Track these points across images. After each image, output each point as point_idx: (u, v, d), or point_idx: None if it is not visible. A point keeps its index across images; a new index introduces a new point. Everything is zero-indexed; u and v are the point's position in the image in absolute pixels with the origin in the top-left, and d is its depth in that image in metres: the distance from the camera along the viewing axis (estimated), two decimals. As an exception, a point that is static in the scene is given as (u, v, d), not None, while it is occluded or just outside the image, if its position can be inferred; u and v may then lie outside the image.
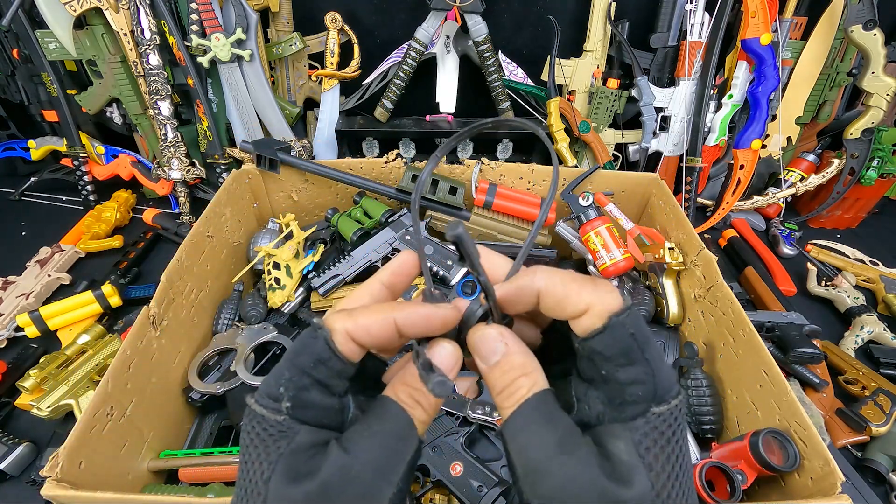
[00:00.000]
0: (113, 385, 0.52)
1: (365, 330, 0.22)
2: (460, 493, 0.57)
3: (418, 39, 0.98)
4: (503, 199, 0.85)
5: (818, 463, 0.48)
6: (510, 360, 0.23)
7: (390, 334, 0.22)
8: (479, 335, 0.23)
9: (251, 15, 0.90)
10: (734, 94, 1.03)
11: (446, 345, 0.23)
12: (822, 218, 1.17)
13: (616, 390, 0.21)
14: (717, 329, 0.68)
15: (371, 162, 0.89)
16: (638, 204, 0.93)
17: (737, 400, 0.63)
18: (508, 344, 0.23)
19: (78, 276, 0.93)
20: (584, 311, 0.21)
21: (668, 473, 0.20)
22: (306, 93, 1.08)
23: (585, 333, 0.21)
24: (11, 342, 0.80)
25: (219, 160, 1.02)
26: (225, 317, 0.75)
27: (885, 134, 1.00)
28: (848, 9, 0.91)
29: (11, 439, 0.64)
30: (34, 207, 1.14)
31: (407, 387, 0.23)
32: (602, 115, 1.08)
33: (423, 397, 0.22)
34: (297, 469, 0.20)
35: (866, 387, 0.74)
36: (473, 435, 0.65)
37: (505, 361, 0.23)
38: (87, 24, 0.91)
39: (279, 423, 0.20)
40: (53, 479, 0.43)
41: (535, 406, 0.21)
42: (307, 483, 0.19)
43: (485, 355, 0.23)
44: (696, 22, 0.99)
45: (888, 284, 0.95)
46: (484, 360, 0.23)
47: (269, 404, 0.21)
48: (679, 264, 0.76)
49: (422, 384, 0.21)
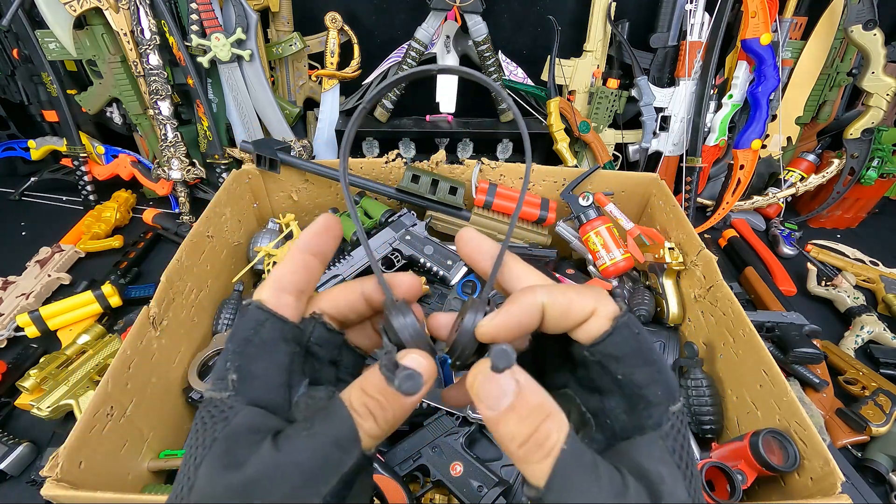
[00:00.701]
0: (113, 385, 0.52)
1: (284, 275, 0.22)
2: (460, 493, 0.57)
3: (418, 39, 0.98)
4: (503, 199, 0.85)
5: (818, 463, 0.48)
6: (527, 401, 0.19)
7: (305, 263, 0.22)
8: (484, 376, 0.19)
9: (251, 15, 0.90)
10: (734, 94, 1.03)
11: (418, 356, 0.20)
12: (822, 218, 1.17)
13: (635, 395, 0.20)
14: (717, 329, 0.68)
15: (371, 162, 0.89)
16: (638, 204, 0.93)
17: (737, 400, 0.63)
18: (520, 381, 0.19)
19: (78, 276, 0.93)
20: (589, 315, 0.21)
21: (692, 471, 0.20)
22: (306, 93, 1.08)
23: (594, 338, 0.21)
24: (11, 342, 0.80)
25: (219, 160, 1.02)
26: (225, 317, 0.75)
27: (885, 134, 1.00)
28: (848, 9, 0.91)
29: (11, 439, 0.64)
30: (34, 207, 1.14)
31: (362, 393, 0.20)
32: (602, 115, 1.08)
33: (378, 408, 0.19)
34: (228, 456, 0.18)
35: (866, 387, 0.74)
36: (473, 435, 0.65)
37: (520, 404, 0.18)
38: (87, 24, 0.91)
39: (223, 403, 0.19)
40: (53, 479, 0.43)
41: (572, 458, 0.18)
42: (232, 474, 0.18)
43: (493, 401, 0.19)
44: (696, 22, 0.99)
45: (888, 284, 0.95)
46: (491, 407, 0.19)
47: (215, 385, 0.20)
48: (679, 264, 0.76)
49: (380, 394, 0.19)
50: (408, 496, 0.55)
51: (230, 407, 0.19)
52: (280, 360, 0.21)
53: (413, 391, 0.19)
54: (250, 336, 0.21)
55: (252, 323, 0.21)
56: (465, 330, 0.22)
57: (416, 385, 0.19)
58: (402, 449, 0.62)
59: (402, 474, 0.59)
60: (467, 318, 0.22)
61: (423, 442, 0.62)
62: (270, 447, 0.18)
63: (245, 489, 0.17)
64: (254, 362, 0.20)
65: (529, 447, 0.18)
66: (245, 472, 0.18)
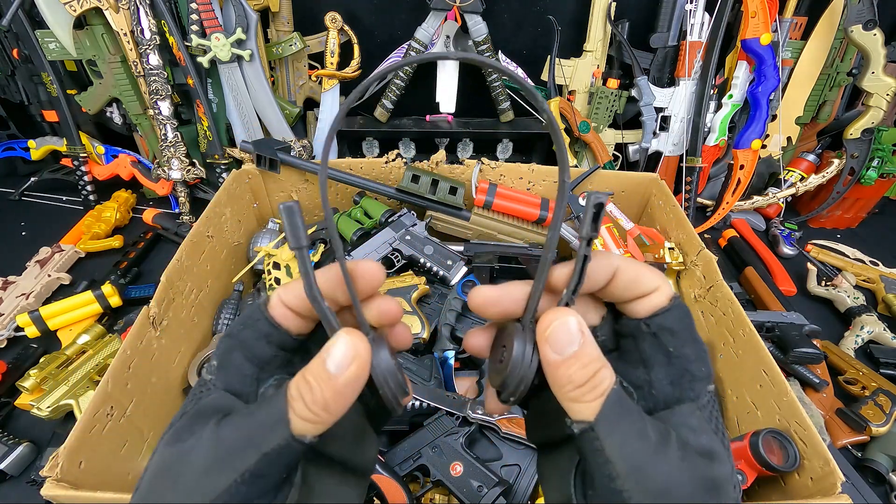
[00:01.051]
0: (113, 385, 0.52)
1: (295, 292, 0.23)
2: (460, 493, 0.57)
3: (418, 39, 0.98)
4: (503, 199, 0.85)
5: (818, 463, 0.48)
6: (589, 352, 0.21)
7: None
8: (559, 322, 0.21)
9: (251, 15, 0.90)
10: (734, 94, 1.03)
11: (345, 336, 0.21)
12: (822, 218, 1.17)
13: (681, 368, 0.22)
14: (717, 329, 0.68)
15: (371, 162, 0.89)
16: (638, 204, 0.93)
17: (737, 400, 0.63)
18: (584, 332, 0.21)
19: (78, 276, 0.93)
20: (654, 290, 0.23)
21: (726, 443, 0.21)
22: (306, 93, 1.08)
23: (653, 311, 0.23)
24: (11, 342, 0.80)
25: (219, 160, 1.02)
26: (225, 317, 0.75)
27: (885, 134, 1.00)
28: (848, 9, 0.91)
29: (11, 439, 0.64)
30: (34, 207, 1.14)
31: (300, 376, 0.20)
32: (602, 115, 1.08)
33: (307, 390, 0.20)
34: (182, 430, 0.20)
35: (866, 387, 0.74)
36: (473, 435, 0.65)
37: (583, 353, 0.21)
38: (87, 24, 0.91)
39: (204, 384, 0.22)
40: (53, 479, 0.43)
41: (619, 398, 0.21)
42: (175, 448, 0.20)
43: (562, 345, 0.21)
44: (696, 22, 0.99)
45: (888, 284, 0.95)
46: (559, 351, 0.21)
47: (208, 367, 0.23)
48: (679, 264, 0.76)
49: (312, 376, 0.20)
50: (408, 496, 0.56)
51: (208, 389, 0.22)
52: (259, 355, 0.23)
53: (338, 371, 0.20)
54: (237, 331, 0.23)
55: (244, 319, 0.23)
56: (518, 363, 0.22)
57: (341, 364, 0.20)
58: (402, 449, 0.62)
59: (402, 474, 0.59)
60: (517, 351, 0.22)
61: (423, 442, 0.62)
62: (212, 426, 0.20)
63: (179, 461, 0.19)
64: (232, 353, 0.22)
65: (584, 389, 0.20)
66: (182, 447, 0.19)
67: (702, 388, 0.22)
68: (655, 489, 0.19)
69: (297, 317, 0.23)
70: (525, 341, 0.22)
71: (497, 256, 0.83)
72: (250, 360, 0.22)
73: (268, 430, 0.19)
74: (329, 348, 0.20)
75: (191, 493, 0.19)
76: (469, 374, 0.73)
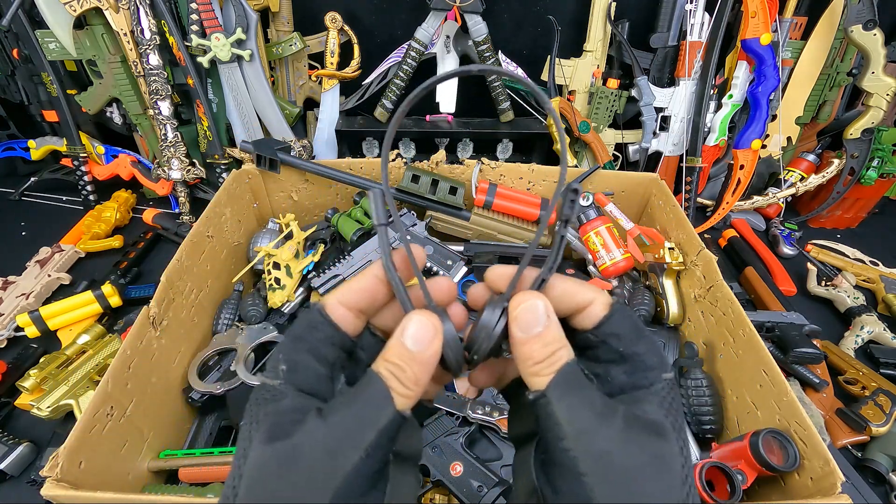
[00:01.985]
0: (113, 385, 0.52)
1: (350, 292, 0.25)
2: (460, 493, 0.57)
3: (418, 39, 0.98)
4: (503, 199, 0.85)
5: (818, 463, 0.48)
6: (552, 332, 0.23)
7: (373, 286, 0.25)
8: (529, 304, 0.23)
9: (251, 15, 0.90)
10: (734, 94, 1.03)
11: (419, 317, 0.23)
12: (822, 218, 1.17)
13: (637, 362, 0.24)
14: (717, 329, 0.68)
15: (371, 162, 0.89)
16: (638, 204, 0.93)
17: (737, 400, 0.63)
18: (550, 316, 0.23)
19: (78, 276, 0.93)
20: (590, 302, 0.25)
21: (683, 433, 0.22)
22: (306, 93, 1.08)
23: (596, 321, 0.24)
24: (11, 342, 0.80)
25: (219, 160, 1.02)
26: (225, 317, 0.75)
27: (885, 134, 1.00)
28: (848, 9, 0.91)
29: (11, 439, 0.64)
30: (34, 207, 1.14)
31: (385, 360, 0.23)
32: (602, 115, 1.08)
33: (398, 370, 0.22)
34: (276, 430, 0.21)
35: (866, 387, 0.74)
36: (473, 435, 0.65)
37: (547, 333, 0.23)
38: (87, 24, 0.91)
39: (273, 388, 0.22)
40: (53, 479, 0.43)
41: (573, 372, 0.23)
42: (281, 443, 0.20)
43: (527, 325, 0.23)
44: (696, 22, 0.99)
45: (888, 284, 0.95)
46: (524, 330, 0.23)
47: (269, 373, 0.23)
48: (679, 264, 0.76)
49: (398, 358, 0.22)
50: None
51: (281, 392, 0.22)
52: (327, 356, 0.24)
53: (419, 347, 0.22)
54: (303, 334, 0.24)
55: (308, 323, 0.24)
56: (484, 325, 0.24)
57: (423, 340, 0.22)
58: (402, 449, 0.62)
59: (402, 474, 0.59)
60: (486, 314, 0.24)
61: (423, 442, 0.62)
62: (315, 417, 0.21)
63: (293, 452, 0.20)
64: (302, 356, 0.23)
65: (543, 364, 0.23)
66: (293, 440, 0.20)
67: (655, 377, 0.23)
68: (598, 451, 0.21)
69: (354, 317, 0.25)
70: (495, 308, 0.24)
71: (497, 256, 0.83)
72: (321, 362, 0.24)
73: (377, 409, 0.21)
74: (405, 329, 0.23)
75: (315, 476, 0.20)
76: (469, 374, 0.73)
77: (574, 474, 0.21)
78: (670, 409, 0.23)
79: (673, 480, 0.20)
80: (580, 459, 0.21)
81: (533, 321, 0.23)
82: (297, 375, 0.23)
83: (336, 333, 0.24)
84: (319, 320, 0.24)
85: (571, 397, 0.22)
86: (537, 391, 0.23)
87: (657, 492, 0.20)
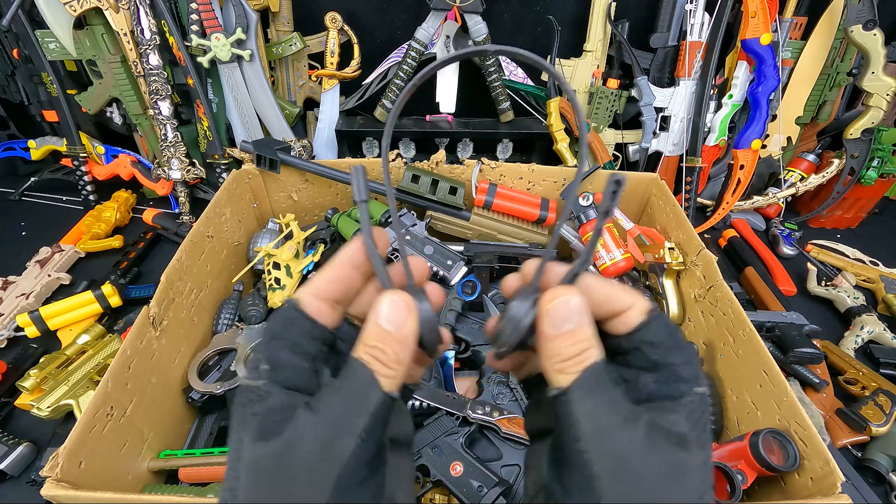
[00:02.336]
0: (113, 385, 0.52)
1: (322, 283, 0.24)
2: (460, 493, 0.57)
3: (418, 39, 0.98)
4: (503, 199, 0.85)
5: (818, 463, 0.48)
6: (584, 331, 0.22)
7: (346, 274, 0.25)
8: (562, 300, 0.23)
9: (251, 15, 0.90)
10: (734, 94, 1.03)
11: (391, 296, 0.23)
12: (822, 218, 1.17)
13: (668, 372, 0.23)
14: (717, 329, 0.68)
15: (371, 162, 0.89)
16: (638, 204, 0.93)
17: (737, 400, 0.63)
18: (584, 313, 0.23)
19: (78, 276, 0.93)
20: (629, 307, 0.24)
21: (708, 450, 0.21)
22: (306, 93, 1.08)
23: (632, 327, 0.23)
24: (11, 342, 0.80)
25: (219, 160, 1.02)
26: (225, 317, 0.75)
27: (885, 134, 1.00)
28: (848, 9, 0.91)
29: (11, 439, 0.64)
30: (34, 207, 1.14)
31: (364, 345, 0.23)
32: (602, 115, 1.08)
33: (378, 352, 0.22)
34: (266, 428, 0.21)
35: (866, 387, 0.74)
36: (473, 435, 0.65)
37: (579, 331, 0.22)
38: (87, 24, 0.91)
39: (257, 389, 0.22)
40: (53, 479, 0.43)
41: (599, 375, 0.22)
42: (274, 441, 0.20)
43: (559, 321, 0.22)
44: (696, 22, 0.99)
45: (888, 284, 0.95)
46: (555, 326, 0.22)
47: (251, 374, 0.22)
48: (679, 264, 0.76)
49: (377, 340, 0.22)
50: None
51: (265, 391, 0.22)
52: (307, 351, 0.23)
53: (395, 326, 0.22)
54: (280, 331, 0.23)
55: (283, 320, 0.23)
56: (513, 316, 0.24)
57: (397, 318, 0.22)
58: (402, 449, 0.62)
59: (402, 474, 0.59)
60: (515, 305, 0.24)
61: (423, 442, 0.62)
62: (304, 411, 0.21)
63: (288, 446, 0.20)
64: (282, 353, 0.23)
65: (570, 363, 0.22)
66: (284, 437, 0.20)
67: (687, 389, 0.22)
68: (615, 454, 0.20)
69: (330, 308, 0.24)
70: (524, 300, 0.24)
71: (497, 256, 0.83)
72: (302, 356, 0.23)
73: (366, 394, 0.21)
74: (378, 310, 0.23)
75: (312, 469, 0.20)
76: (469, 374, 0.73)
77: (586, 476, 0.20)
78: (697, 423, 0.22)
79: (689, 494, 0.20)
80: (594, 461, 0.20)
81: (565, 316, 0.22)
82: (279, 373, 0.22)
83: (314, 327, 0.24)
84: (295, 316, 0.23)
85: (595, 398, 0.21)
86: (559, 388, 0.22)
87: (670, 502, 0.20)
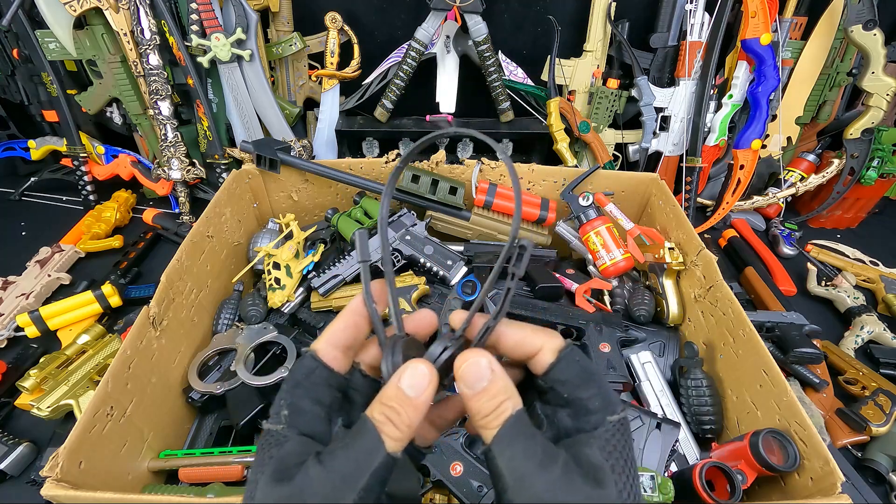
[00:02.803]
0: (113, 385, 0.52)
1: (335, 332, 0.27)
2: (460, 493, 0.57)
3: (418, 39, 0.98)
4: (503, 199, 0.85)
5: (818, 463, 0.48)
6: (496, 385, 0.24)
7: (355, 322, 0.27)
8: (471, 363, 0.24)
9: (251, 15, 0.90)
10: (734, 94, 1.03)
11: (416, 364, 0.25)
12: (822, 218, 1.17)
13: (579, 406, 0.25)
14: (717, 329, 0.68)
15: (371, 162, 0.89)
16: (638, 204, 0.93)
17: (737, 400, 0.63)
18: (495, 370, 0.24)
19: (78, 276, 0.93)
20: (539, 350, 0.26)
21: (627, 475, 0.23)
22: (306, 93, 1.08)
23: (545, 368, 0.26)
24: (11, 342, 0.80)
25: (219, 160, 1.02)
26: (225, 317, 0.75)
27: (885, 134, 1.00)
28: (848, 9, 0.91)
29: (11, 439, 0.64)
30: (34, 207, 1.14)
31: (380, 405, 0.24)
32: (602, 115, 1.08)
33: (393, 414, 0.24)
34: (280, 472, 0.22)
35: (866, 387, 0.74)
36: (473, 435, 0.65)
37: (492, 387, 0.24)
38: (87, 24, 0.91)
39: (277, 433, 0.24)
40: (53, 479, 0.43)
41: (517, 423, 0.24)
42: (285, 485, 0.22)
43: (472, 382, 0.24)
44: (696, 22, 0.99)
45: (888, 284, 0.95)
46: (470, 387, 0.24)
47: (272, 419, 0.25)
48: (679, 264, 0.76)
49: (394, 402, 0.24)
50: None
51: (284, 436, 0.24)
52: (324, 399, 0.26)
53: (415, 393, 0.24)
54: (301, 380, 0.26)
55: (305, 369, 0.26)
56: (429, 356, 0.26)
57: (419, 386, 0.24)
58: (402, 449, 0.62)
59: (402, 474, 0.59)
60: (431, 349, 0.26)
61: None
62: (314, 462, 0.23)
63: (296, 493, 0.22)
64: (302, 400, 0.25)
65: (490, 418, 0.24)
66: (294, 483, 0.22)
67: (599, 420, 0.24)
68: (535, 499, 0.22)
69: (342, 354, 0.27)
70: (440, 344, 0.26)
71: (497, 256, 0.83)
72: (319, 405, 0.25)
73: (370, 454, 0.23)
74: (403, 376, 0.24)
75: None
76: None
77: None
78: (612, 451, 0.23)
79: None
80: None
81: (478, 376, 0.24)
82: (297, 419, 0.24)
83: (331, 375, 0.26)
84: (314, 365, 0.26)
85: (514, 448, 0.23)
86: (486, 446, 0.24)
87: None
